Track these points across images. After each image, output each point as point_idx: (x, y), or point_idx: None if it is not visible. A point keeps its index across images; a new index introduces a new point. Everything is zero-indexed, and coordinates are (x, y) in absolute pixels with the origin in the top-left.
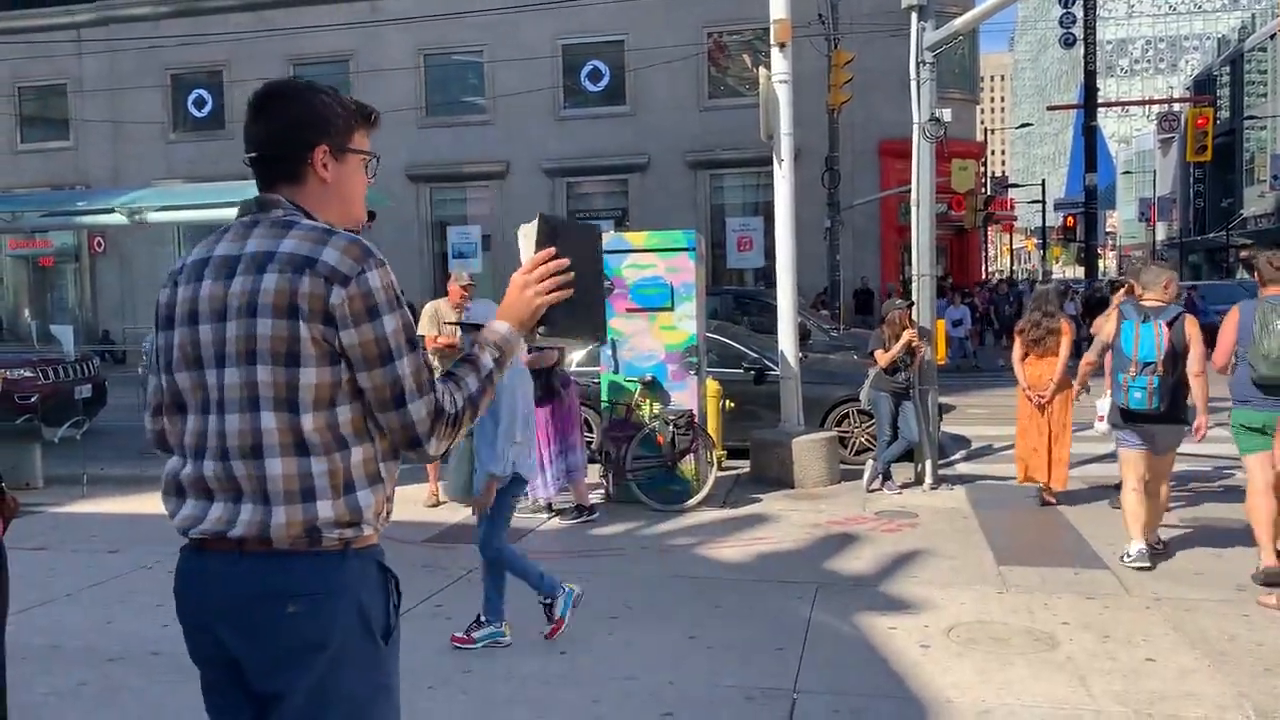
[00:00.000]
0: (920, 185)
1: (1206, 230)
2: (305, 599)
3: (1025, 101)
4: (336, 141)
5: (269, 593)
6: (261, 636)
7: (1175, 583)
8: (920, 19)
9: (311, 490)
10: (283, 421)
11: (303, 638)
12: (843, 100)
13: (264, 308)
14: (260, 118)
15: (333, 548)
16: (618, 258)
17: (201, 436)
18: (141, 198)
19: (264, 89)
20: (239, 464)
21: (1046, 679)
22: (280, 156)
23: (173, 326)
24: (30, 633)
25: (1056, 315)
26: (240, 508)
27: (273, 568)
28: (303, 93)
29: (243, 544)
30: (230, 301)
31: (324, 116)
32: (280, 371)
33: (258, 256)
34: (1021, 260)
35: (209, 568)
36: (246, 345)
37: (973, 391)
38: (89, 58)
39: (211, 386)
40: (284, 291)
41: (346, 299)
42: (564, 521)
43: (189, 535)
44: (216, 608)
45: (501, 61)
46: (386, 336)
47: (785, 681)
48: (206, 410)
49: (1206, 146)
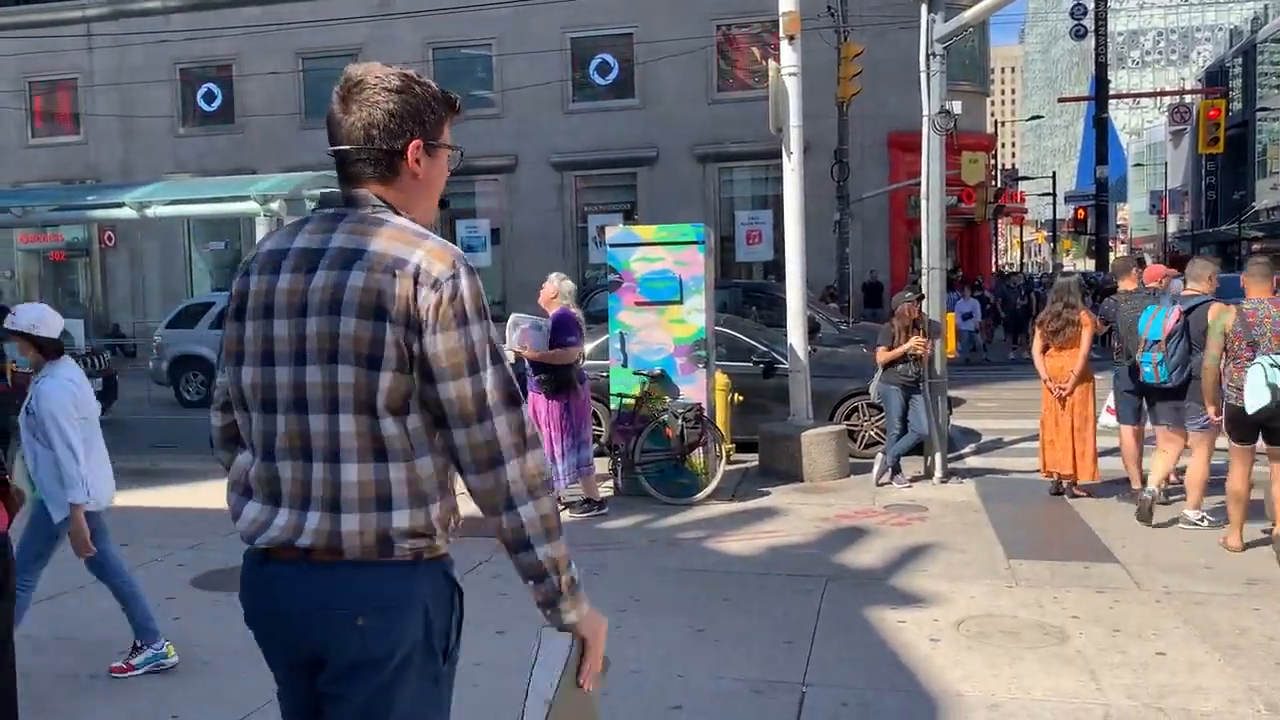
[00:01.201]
0: (930, 178)
1: (1219, 223)
2: (374, 612)
3: (1036, 94)
4: (431, 135)
5: (337, 605)
6: (328, 648)
7: (1186, 576)
8: (930, 11)
9: (388, 498)
10: (363, 425)
11: (368, 651)
12: (852, 93)
13: (349, 305)
14: (351, 108)
15: (404, 558)
16: (626, 251)
17: (270, 436)
18: (151, 192)
19: (354, 75)
20: (318, 466)
21: (1056, 673)
22: (372, 150)
23: (243, 319)
24: (40, 625)
25: (1077, 307)
26: (307, 515)
27: (342, 579)
28: (398, 81)
29: (310, 553)
30: (311, 297)
31: (420, 109)
32: (362, 373)
33: (345, 252)
34: (1032, 253)
35: (276, 577)
36: (330, 343)
37: (983, 385)
38: (99, 52)
39: (284, 385)
40: (371, 291)
41: (436, 303)
42: (573, 515)
43: (255, 543)
44: (285, 617)
45: (510, 55)
46: (475, 344)
47: (794, 675)
48: (276, 409)
49: (1219, 139)
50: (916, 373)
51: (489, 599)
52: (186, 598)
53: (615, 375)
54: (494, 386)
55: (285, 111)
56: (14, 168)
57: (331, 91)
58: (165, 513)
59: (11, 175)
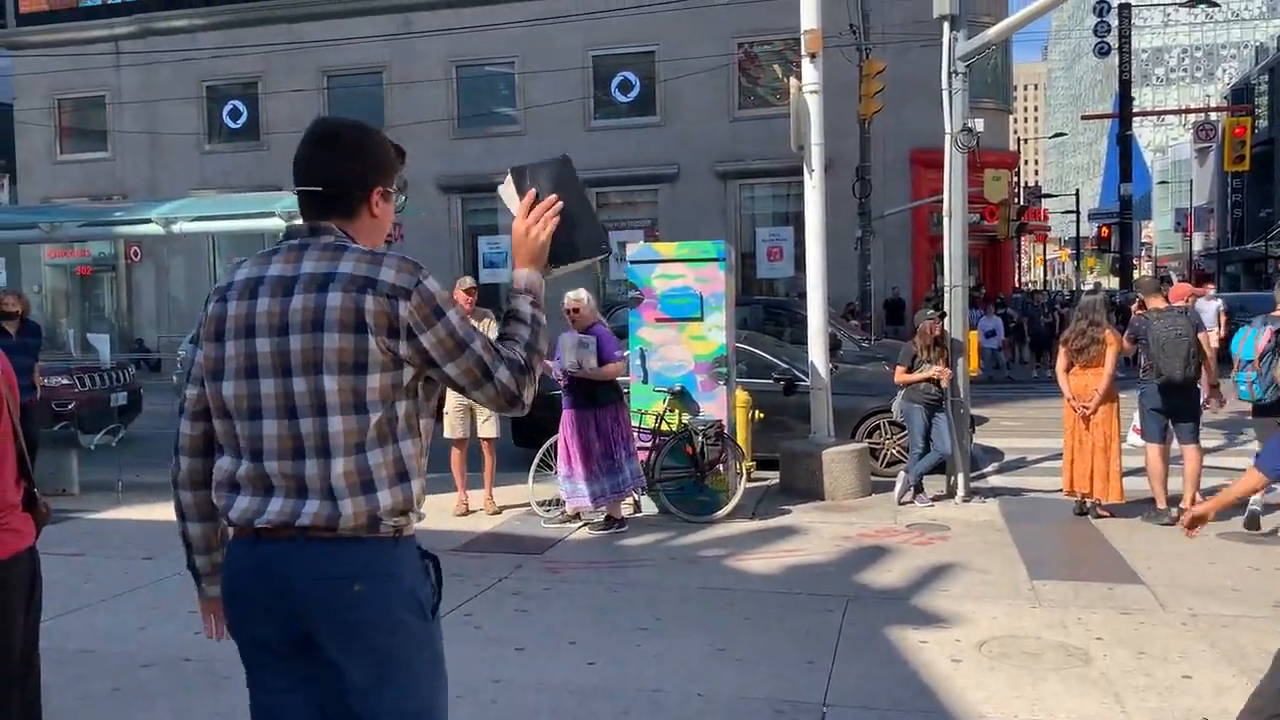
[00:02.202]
0: (952, 195)
1: (1245, 241)
2: (367, 579)
3: (1059, 111)
4: (388, 184)
5: (335, 573)
6: (331, 612)
7: (1212, 598)
8: (952, 29)
9: (372, 482)
10: (350, 423)
11: (367, 612)
12: (874, 110)
13: (330, 323)
14: (322, 154)
15: (387, 535)
16: (647, 268)
17: (258, 439)
18: (176, 208)
19: (324, 127)
20: (310, 462)
21: (1080, 695)
22: (341, 194)
23: (223, 339)
24: (65, 638)
25: (1102, 325)
26: (305, 501)
27: (336, 551)
28: (364, 136)
29: (306, 531)
30: (292, 317)
31: (382, 161)
32: (348, 379)
33: (317, 277)
34: (1055, 271)
35: (272, 554)
36: (314, 357)
37: (1006, 403)
38: (127, 70)
39: (269, 395)
40: (349, 309)
41: (413, 309)
42: (593, 532)
43: (253, 525)
44: (282, 591)
45: (532, 73)
46: (455, 329)
47: (815, 695)
48: (261, 415)
49: (1244, 156)
50: (939, 391)
51: (508, 616)
52: None
53: (636, 392)
54: (483, 350)
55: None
56: (43, 184)
57: (355, 108)
58: None
59: (40, 191)
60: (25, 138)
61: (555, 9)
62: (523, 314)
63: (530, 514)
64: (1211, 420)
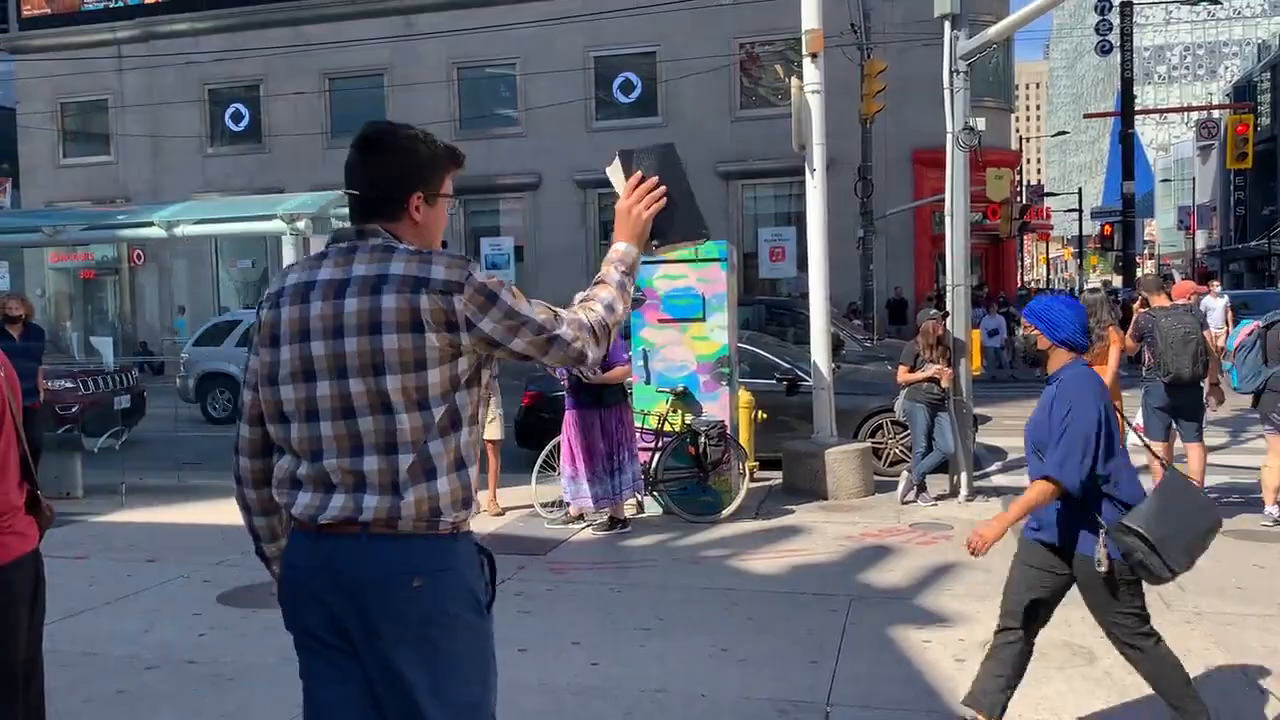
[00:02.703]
0: (954, 194)
1: (1248, 238)
2: (426, 575)
3: (1061, 109)
4: (430, 189)
5: (396, 570)
6: (390, 607)
7: (1217, 597)
8: (953, 28)
9: (434, 470)
10: (415, 420)
11: (426, 608)
12: (875, 109)
13: (388, 325)
14: (365, 161)
15: (445, 531)
16: (649, 268)
17: (317, 440)
18: (179, 211)
19: (370, 132)
20: (371, 459)
21: (1085, 694)
22: (381, 198)
23: (278, 344)
24: (69, 640)
25: (1106, 323)
26: (365, 496)
27: (397, 547)
28: (405, 142)
29: (369, 527)
30: (347, 320)
31: (422, 168)
32: (410, 377)
33: (369, 279)
34: (1058, 269)
35: (334, 549)
36: (372, 359)
37: (1008, 402)
38: (129, 74)
39: (325, 397)
40: (405, 309)
41: (467, 300)
42: (596, 533)
43: (316, 521)
44: (343, 585)
45: (534, 74)
46: (511, 307)
47: (819, 695)
48: (319, 418)
49: (1247, 154)
50: (942, 390)
51: (512, 617)
52: (213, 614)
53: (638, 392)
54: (543, 322)
55: (312, 131)
56: (46, 187)
57: (357, 110)
58: (192, 529)
59: (43, 195)
60: (28, 142)
61: (556, 10)
62: (610, 279)
63: (533, 515)
64: (1215, 418)
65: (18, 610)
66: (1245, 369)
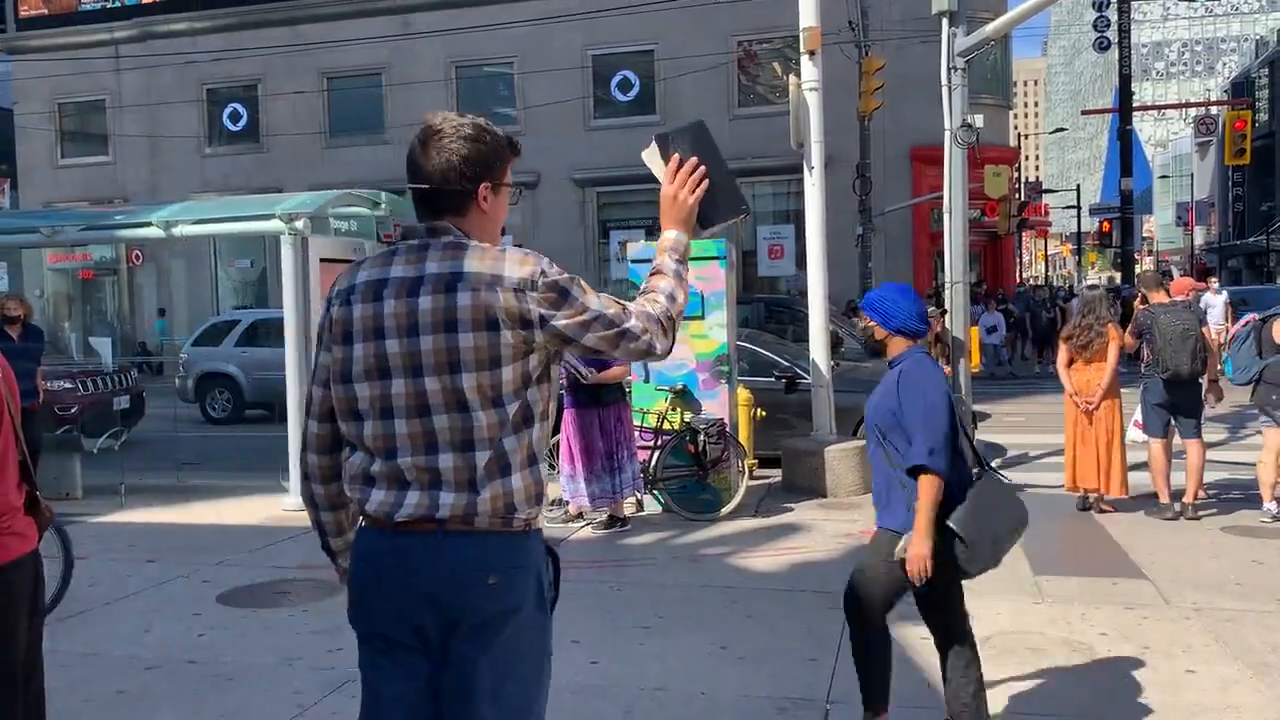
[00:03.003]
0: (952, 192)
1: (1246, 234)
2: (501, 572)
3: (1059, 106)
4: (496, 178)
5: (473, 566)
6: (465, 604)
7: (1216, 593)
8: (951, 25)
9: (509, 467)
10: (490, 417)
11: (501, 605)
12: (874, 107)
13: (463, 323)
14: (429, 153)
15: (519, 528)
16: (648, 266)
17: (391, 438)
18: (177, 211)
19: (435, 124)
20: (446, 456)
21: (1084, 690)
22: (448, 191)
23: (350, 342)
24: (69, 640)
25: (1105, 320)
26: (441, 493)
27: (474, 544)
28: (471, 131)
29: (445, 524)
30: (421, 319)
31: (488, 156)
32: (484, 375)
33: (443, 277)
34: (1056, 266)
35: (410, 546)
36: (448, 356)
37: (1007, 399)
38: (127, 74)
39: (400, 394)
40: (480, 307)
41: (540, 298)
42: (595, 531)
43: (391, 519)
44: (419, 582)
45: (532, 73)
46: (583, 302)
47: (818, 692)
48: (393, 415)
49: (1245, 150)
50: None
51: None
52: (212, 614)
53: (638, 391)
54: (613, 317)
55: (310, 130)
56: (44, 188)
57: (356, 109)
58: (191, 529)
59: (41, 196)
60: (26, 142)
61: (554, 9)
62: (666, 268)
63: None
64: (1213, 414)
65: (17, 610)
66: (1239, 359)
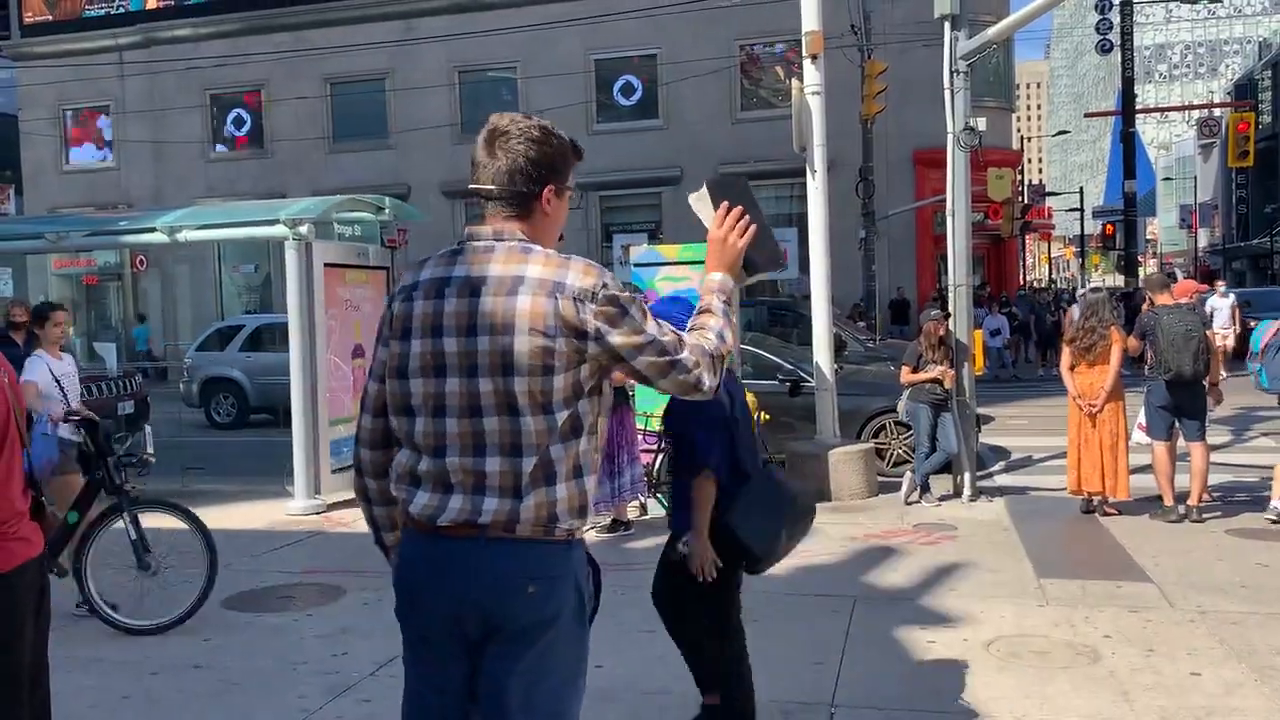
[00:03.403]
0: (955, 195)
1: (1250, 236)
2: (542, 581)
3: (1062, 109)
4: (560, 181)
5: (513, 575)
6: (503, 611)
7: (1220, 595)
8: (953, 28)
9: (554, 475)
10: (540, 423)
11: (539, 614)
12: (876, 110)
13: (520, 327)
14: (496, 153)
15: (561, 538)
16: (651, 270)
17: (441, 436)
18: (181, 216)
19: (495, 126)
20: (494, 460)
21: (1089, 694)
22: (515, 192)
23: (409, 337)
24: (74, 645)
25: (1108, 323)
26: (484, 498)
27: (514, 552)
28: (536, 134)
29: (486, 530)
30: (480, 320)
31: (554, 159)
32: (536, 380)
33: (505, 280)
34: (1060, 269)
35: (452, 551)
36: (503, 359)
37: (1011, 402)
38: (131, 79)
39: (454, 393)
40: (539, 313)
41: (599, 310)
42: (599, 535)
43: (434, 523)
44: (459, 588)
45: (535, 77)
46: (640, 324)
47: (823, 695)
48: (445, 414)
49: (1249, 152)
50: (944, 391)
51: None
52: (217, 619)
53: (641, 394)
54: (667, 345)
55: (314, 135)
56: (48, 194)
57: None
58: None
59: (46, 201)
60: (31, 148)
61: (556, 13)
62: (715, 308)
63: None
64: (1218, 417)
65: (23, 615)
66: (1275, 367)
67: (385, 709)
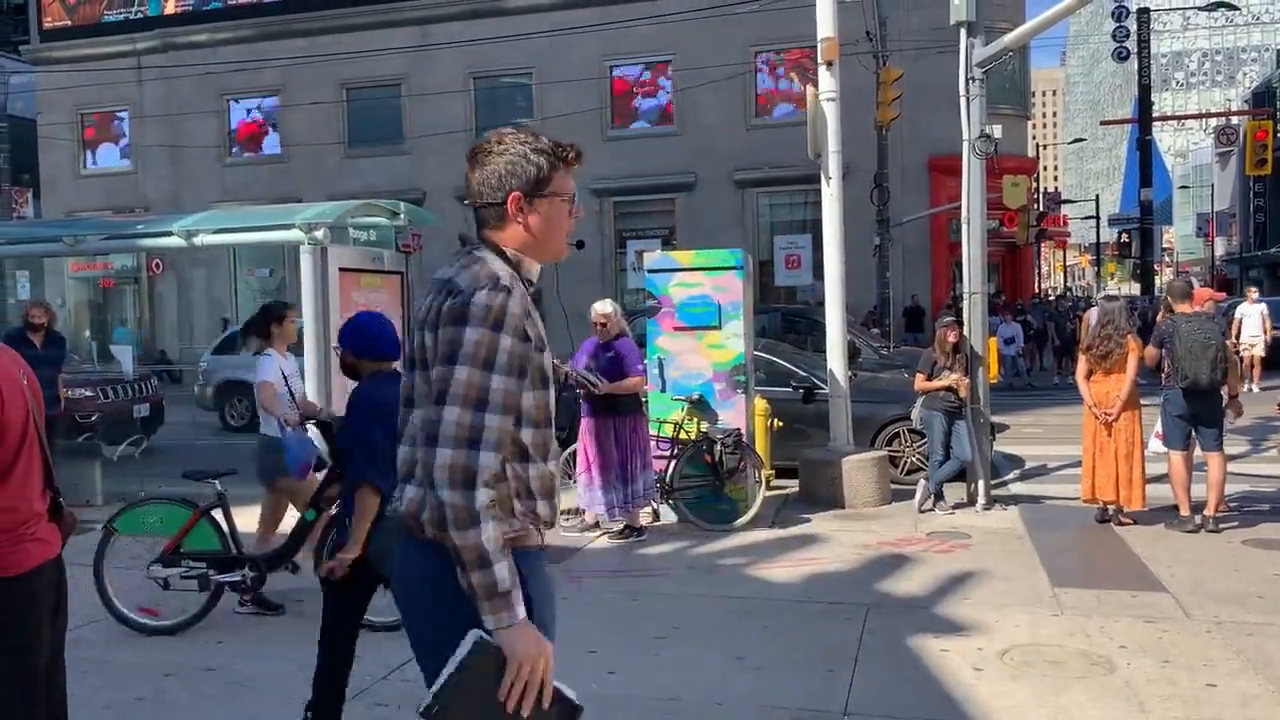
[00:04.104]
0: (971, 202)
1: (1267, 245)
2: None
3: (1078, 116)
4: (528, 188)
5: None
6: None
7: (1237, 606)
8: (969, 35)
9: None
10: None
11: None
12: (891, 117)
13: (430, 323)
14: (474, 169)
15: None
16: (665, 276)
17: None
18: (198, 221)
19: (481, 141)
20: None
21: (1104, 704)
22: (482, 205)
23: (416, 331)
24: (89, 647)
25: (1124, 330)
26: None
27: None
28: (494, 145)
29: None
30: (429, 316)
31: (514, 167)
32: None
33: (444, 283)
34: (1075, 277)
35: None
36: (429, 353)
37: (1026, 410)
38: (148, 84)
39: (422, 384)
40: (435, 309)
41: (446, 309)
42: (612, 541)
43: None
44: None
45: (549, 83)
46: (464, 342)
47: (835, 704)
48: (416, 404)
49: (1266, 160)
50: (959, 398)
51: None
52: (228, 622)
53: (654, 400)
54: (465, 381)
55: (329, 140)
56: (66, 198)
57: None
58: None
59: (64, 205)
60: (49, 152)
61: (572, 20)
62: (468, 563)
63: None
64: (1235, 427)
65: (40, 616)
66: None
67: (398, 713)
